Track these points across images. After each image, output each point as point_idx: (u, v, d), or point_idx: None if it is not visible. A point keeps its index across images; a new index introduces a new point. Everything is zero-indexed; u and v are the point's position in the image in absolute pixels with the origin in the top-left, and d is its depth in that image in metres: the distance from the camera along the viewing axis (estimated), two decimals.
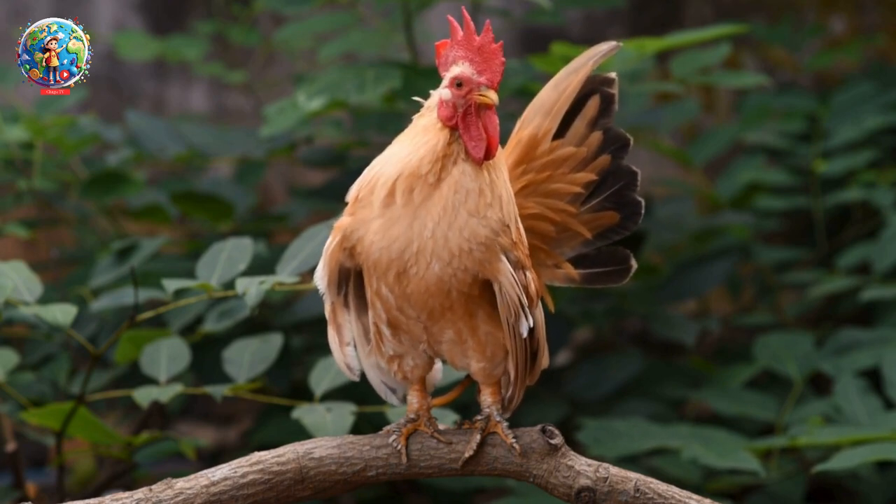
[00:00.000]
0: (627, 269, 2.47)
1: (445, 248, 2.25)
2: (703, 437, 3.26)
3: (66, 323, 2.77)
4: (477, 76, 2.28)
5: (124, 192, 3.80)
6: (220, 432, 4.44)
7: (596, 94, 2.44)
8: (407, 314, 2.31)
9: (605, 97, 2.44)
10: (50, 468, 3.70)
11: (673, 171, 4.59)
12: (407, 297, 2.28)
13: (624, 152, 2.45)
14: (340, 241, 2.31)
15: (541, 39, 4.70)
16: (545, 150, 2.44)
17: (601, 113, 2.44)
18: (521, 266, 2.30)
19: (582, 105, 2.44)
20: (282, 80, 4.65)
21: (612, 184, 2.45)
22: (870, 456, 2.93)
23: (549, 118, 2.44)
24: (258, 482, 2.32)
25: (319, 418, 2.74)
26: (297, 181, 4.76)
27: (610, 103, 2.44)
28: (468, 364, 2.35)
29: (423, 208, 2.24)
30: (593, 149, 2.44)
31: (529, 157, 2.43)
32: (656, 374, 3.85)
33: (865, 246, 3.92)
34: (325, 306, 2.38)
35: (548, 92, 2.45)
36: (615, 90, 2.45)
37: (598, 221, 2.45)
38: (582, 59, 2.45)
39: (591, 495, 2.31)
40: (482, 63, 2.28)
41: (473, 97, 2.27)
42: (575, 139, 2.44)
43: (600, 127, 2.44)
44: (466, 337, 2.33)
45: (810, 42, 4.71)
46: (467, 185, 2.25)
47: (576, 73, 2.44)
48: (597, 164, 2.45)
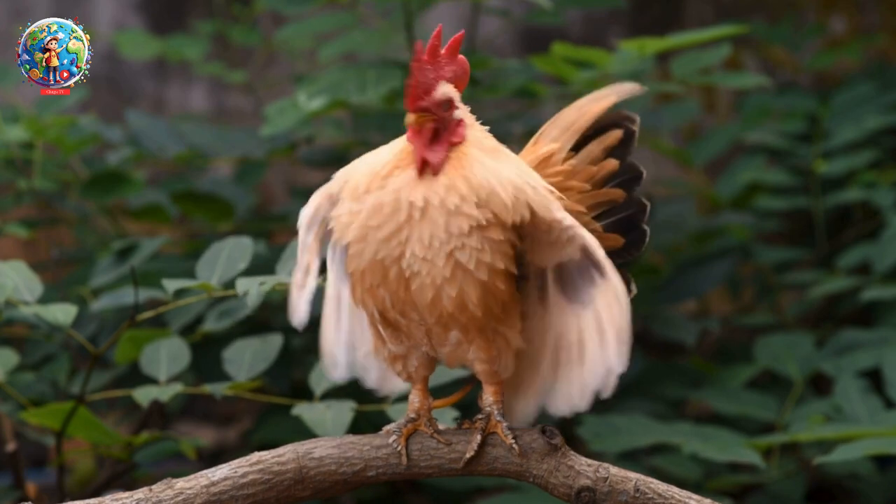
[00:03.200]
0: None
1: (444, 234, 2.23)
2: (703, 435, 3.26)
3: (67, 323, 2.77)
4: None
5: (124, 192, 3.80)
6: (220, 432, 4.44)
7: (619, 129, 2.45)
8: (409, 317, 2.29)
9: (627, 132, 2.45)
10: (50, 468, 3.70)
11: (673, 171, 4.59)
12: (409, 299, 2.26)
13: (637, 184, 2.45)
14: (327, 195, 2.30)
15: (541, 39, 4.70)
16: (558, 159, 2.44)
17: (621, 145, 2.45)
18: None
19: (602, 132, 2.45)
20: (282, 80, 4.65)
21: (621, 210, 2.45)
22: (870, 449, 2.94)
23: (566, 135, 2.44)
24: (258, 482, 2.32)
25: (319, 415, 2.75)
26: (298, 181, 4.76)
27: (631, 138, 2.45)
28: (472, 364, 2.34)
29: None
30: (605, 174, 2.44)
31: (542, 167, 2.43)
32: (656, 374, 3.85)
33: (866, 246, 3.91)
34: (300, 236, 2.33)
35: (569, 111, 2.47)
36: (636, 128, 2.46)
37: (602, 243, 2.44)
38: (606, 91, 2.46)
39: (591, 495, 2.31)
40: (409, 86, 2.29)
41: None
42: (588, 158, 2.45)
43: (617, 156, 2.45)
44: (473, 337, 2.31)
45: (810, 42, 4.70)
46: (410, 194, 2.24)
47: (598, 102, 2.46)
48: (609, 193, 2.45)
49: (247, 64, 4.76)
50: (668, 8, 4.99)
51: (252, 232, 3.49)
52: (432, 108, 2.28)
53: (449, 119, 2.29)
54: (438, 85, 2.30)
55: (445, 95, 2.30)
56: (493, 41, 4.55)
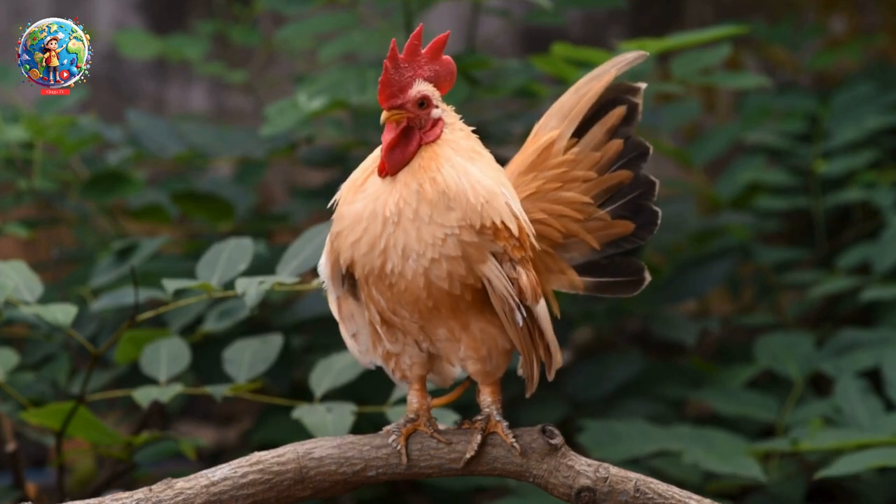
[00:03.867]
0: (640, 280, 2.45)
1: (417, 244, 2.25)
2: (704, 440, 3.26)
3: (67, 323, 2.77)
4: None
5: (124, 191, 3.80)
6: (220, 432, 4.44)
7: (622, 105, 2.43)
8: (400, 315, 2.31)
9: (630, 106, 2.43)
10: (50, 468, 3.70)
11: (673, 171, 4.59)
12: (397, 299, 2.29)
13: (643, 160, 2.44)
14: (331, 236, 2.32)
15: (541, 39, 4.70)
16: (559, 149, 2.43)
17: (624, 121, 2.43)
18: (510, 259, 2.29)
19: (603, 113, 2.43)
20: (282, 80, 4.65)
21: (628, 192, 2.44)
22: (871, 462, 2.93)
23: (566, 122, 2.43)
24: (258, 482, 2.32)
25: (320, 418, 2.74)
26: (298, 181, 4.76)
27: (634, 112, 2.44)
28: (465, 364, 2.35)
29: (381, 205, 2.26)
30: (611, 156, 2.43)
31: (543, 159, 2.43)
32: (656, 374, 3.85)
33: (866, 246, 3.91)
34: (330, 299, 2.39)
35: (568, 96, 2.45)
36: (640, 100, 2.43)
37: (611, 230, 2.43)
38: (606, 66, 2.44)
39: (591, 495, 2.31)
40: (380, 84, 2.31)
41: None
42: (591, 144, 2.43)
43: (621, 135, 2.43)
44: (459, 335, 2.33)
45: (810, 42, 4.70)
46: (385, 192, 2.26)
47: (598, 80, 2.43)
48: (615, 176, 2.44)
49: (247, 64, 4.76)
50: (668, 8, 4.99)
51: (252, 232, 3.49)
52: (407, 106, 2.29)
53: (424, 117, 2.30)
54: (415, 83, 2.30)
55: (420, 93, 2.30)
56: (493, 41, 4.55)
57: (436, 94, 2.31)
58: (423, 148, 2.28)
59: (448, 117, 2.32)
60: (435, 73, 2.32)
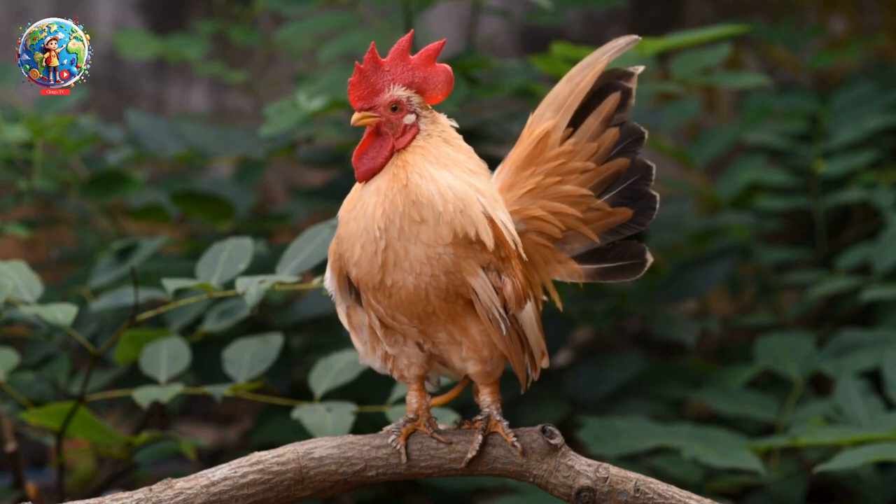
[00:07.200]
0: (642, 263, 2.43)
1: (410, 262, 2.26)
2: (703, 437, 3.26)
3: (67, 323, 2.77)
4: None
5: (124, 191, 3.80)
6: (220, 432, 4.44)
7: (616, 91, 2.42)
8: (399, 320, 2.32)
9: (624, 92, 2.42)
10: (50, 468, 3.70)
11: (674, 171, 4.59)
12: (395, 307, 2.30)
13: (639, 146, 2.43)
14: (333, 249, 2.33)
15: (541, 39, 4.70)
16: (556, 140, 2.42)
17: (618, 107, 2.43)
18: (496, 269, 2.29)
19: (597, 101, 2.42)
20: (282, 80, 4.65)
21: (626, 178, 2.43)
22: (871, 456, 2.93)
23: (561, 112, 2.42)
24: (258, 482, 2.32)
25: (319, 418, 2.74)
26: (298, 181, 4.76)
27: (627, 98, 2.43)
28: (465, 366, 2.36)
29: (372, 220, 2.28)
30: (607, 145, 2.43)
31: (540, 151, 2.42)
32: (656, 374, 3.85)
33: (866, 246, 3.91)
34: (339, 311, 2.39)
35: (561, 86, 2.44)
36: (633, 84, 2.42)
37: (610, 219, 2.43)
38: (598, 54, 2.43)
39: (591, 495, 2.31)
40: (350, 85, 2.32)
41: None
42: (588, 134, 2.42)
43: (616, 122, 2.42)
44: (460, 338, 2.33)
45: (811, 42, 4.70)
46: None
47: (591, 68, 2.42)
48: (613, 165, 2.43)
49: (247, 64, 4.76)
50: (668, 8, 4.99)
51: (252, 232, 3.49)
52: (378, 109, 2.29)
53: (396, 122, 2.30)
54: (391, 87, 2.30)
55: (393, 97, 2.30)
56: (492, 41, 4.55)
57: (414, 100, 2.31)
58: (396, 155, 2.29)
59: (428, 125, 2.31)
60: (423, 80, 2.31)
